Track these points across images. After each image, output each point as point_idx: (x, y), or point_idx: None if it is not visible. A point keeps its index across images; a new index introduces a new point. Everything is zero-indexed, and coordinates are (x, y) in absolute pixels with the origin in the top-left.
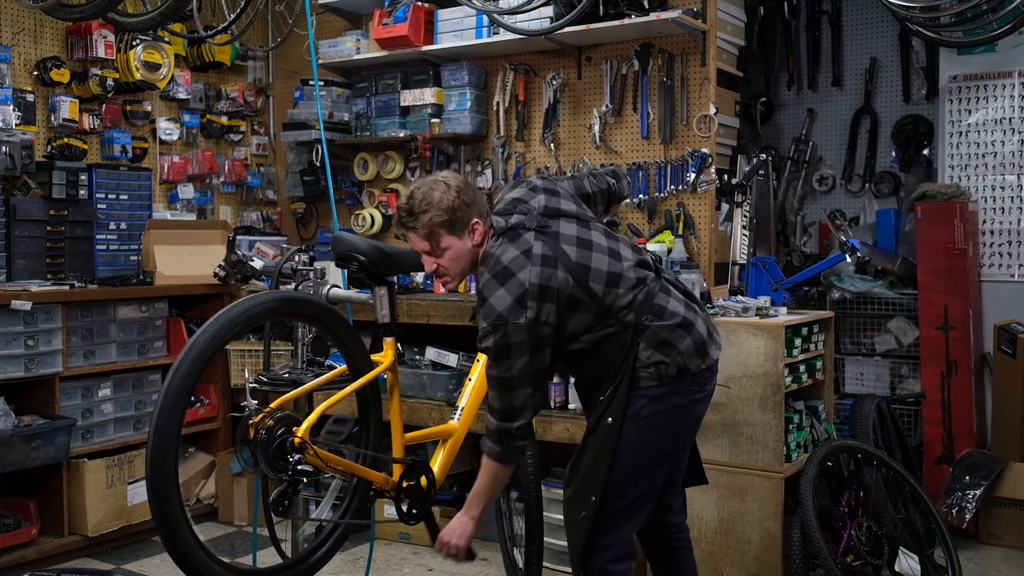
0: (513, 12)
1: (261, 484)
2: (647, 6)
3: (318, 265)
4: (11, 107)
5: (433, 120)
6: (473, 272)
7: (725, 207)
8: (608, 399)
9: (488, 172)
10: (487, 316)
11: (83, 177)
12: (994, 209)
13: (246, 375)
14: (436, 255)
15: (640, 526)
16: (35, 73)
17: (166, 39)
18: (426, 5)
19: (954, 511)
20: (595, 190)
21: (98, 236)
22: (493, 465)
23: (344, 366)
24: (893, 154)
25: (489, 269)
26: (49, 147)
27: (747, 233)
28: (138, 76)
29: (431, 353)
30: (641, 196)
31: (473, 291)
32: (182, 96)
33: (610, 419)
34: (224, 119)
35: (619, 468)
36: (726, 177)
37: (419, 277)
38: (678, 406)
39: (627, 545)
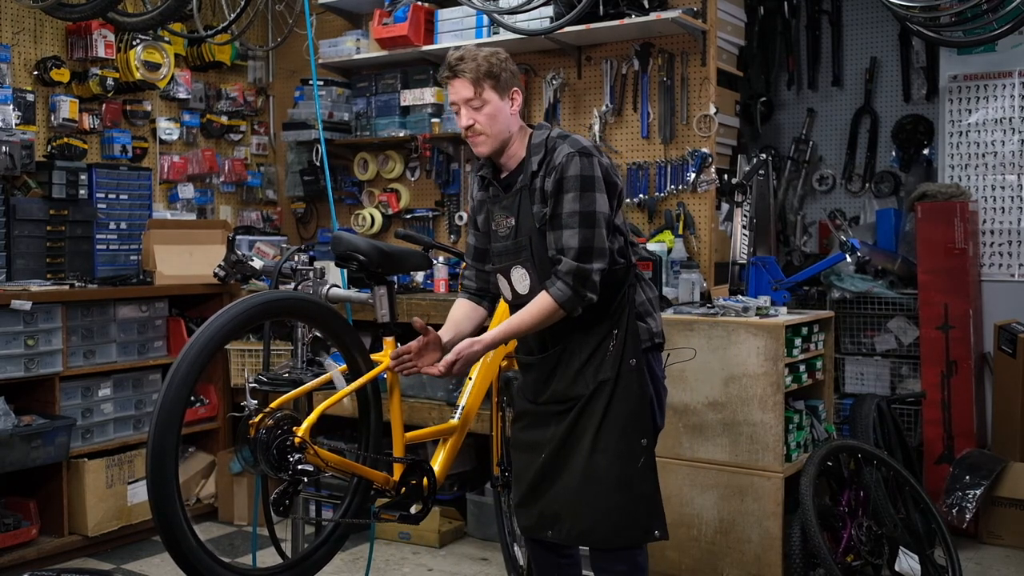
0: (513, 12)
1: (261, 484)
2: (647, 6)
3: (318, 265)
4: (11, 107)
5: (433, 120)
6: (505, 143)
7: (725, 207)
8: (620, 343)
9: None
10: (574, 144)
11: (83, 177)
12: (994, 209)
13: (246, 375)
14: (475, 107)
15: None
16: (35, 73)
17: (166, 39)
18: (426, 5)
19: (954, 511)
20: None
21: (98, 236)
22: (551, 309)
23: (344, 366)
24: (893, 154)
25: (549, 131)
26: (49, 147)
27: (747, 233)
28: (138, 76)
29: None
30: (641, 196)
31: None
32: (182, 96)
33: (633, 360)
34: (224, 119)
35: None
36: (726, 177)
37: (419, 277)
38: (656, 379)
39: None
